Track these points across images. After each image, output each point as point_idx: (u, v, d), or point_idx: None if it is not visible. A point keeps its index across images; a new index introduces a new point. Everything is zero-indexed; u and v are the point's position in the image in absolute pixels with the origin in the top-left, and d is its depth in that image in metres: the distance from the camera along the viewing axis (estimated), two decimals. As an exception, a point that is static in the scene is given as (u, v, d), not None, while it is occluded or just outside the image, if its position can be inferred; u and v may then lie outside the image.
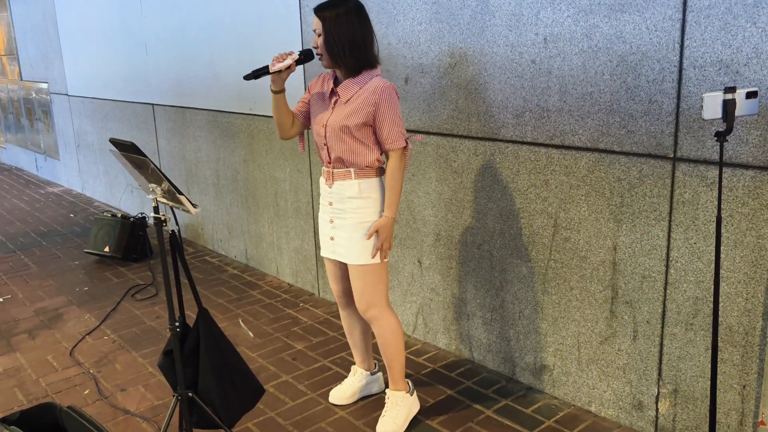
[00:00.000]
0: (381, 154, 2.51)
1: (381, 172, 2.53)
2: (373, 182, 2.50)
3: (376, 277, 2.55)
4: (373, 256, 2.50)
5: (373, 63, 2.44)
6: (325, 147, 2.50)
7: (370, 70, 2.44)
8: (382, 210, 2.51)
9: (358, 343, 2.87)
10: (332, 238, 2.59)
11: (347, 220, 2.52)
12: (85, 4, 6.09)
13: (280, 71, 2.42)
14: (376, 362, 2.97)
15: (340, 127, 2.42)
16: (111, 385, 3.14)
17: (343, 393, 2.89)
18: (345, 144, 2.44)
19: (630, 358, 2.57)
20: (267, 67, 2.43)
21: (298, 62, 2.44)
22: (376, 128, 2.44)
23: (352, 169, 2.48)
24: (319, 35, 2.39)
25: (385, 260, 2.56)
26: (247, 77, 2.43)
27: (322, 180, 2.60)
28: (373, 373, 2.93)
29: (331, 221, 2.58)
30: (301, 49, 2.48)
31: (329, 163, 2.52)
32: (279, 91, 2.50)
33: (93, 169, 6.85)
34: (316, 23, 2.39)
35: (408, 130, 3.17)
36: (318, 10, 2.38)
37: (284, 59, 2.42)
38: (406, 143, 2.47)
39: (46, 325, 3.86)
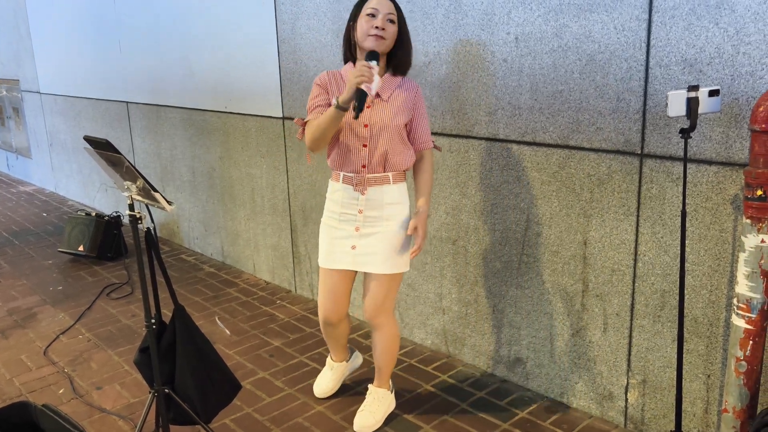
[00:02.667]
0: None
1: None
2: (404, 187, 2.50)
3: (393, 286, 2.51)
4: (413, 256, 2.42)
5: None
6: (365, 149, 2.37)
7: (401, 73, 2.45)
8: (411, 213, 2.51)
9: (340, 344, 2.83)
10: (354, 247, 2.45)
11: (383, 226, 2.43)
12: (56, 1, 6.02)
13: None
14: (349, 347, 2.97)
15: (388, 126, 2.36)
16: (86, 383, 3.13)
17: (327, 386, 2.91)
18: (392, 144, 2.38)
19: (600, 350, 2.63)
20: (365, 93, 2.19)
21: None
22: (413, 127, 2.46)
23: (390, 174, 2.41)
24: (392, 22, 2.30)
25: (406, 271, 2.53)
26: (357, 115, 2.18)
27: (341, 187, 2.44)
28: (348, 360, 2.95)
29: (357, 230, 2.44)
30: (371, 60, 2.27)
31: (364, 167, 2.39)
32: (347, 108, 2.25)
33: (66, 168, 6.78)
34: (390, 8, 2.29)
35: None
36: (395, 2, 2.35)
37: (371, 74, 2.16)
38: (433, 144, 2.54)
39: (20, 324, 3.82)
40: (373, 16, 2.29)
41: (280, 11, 3.67)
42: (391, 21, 2.31)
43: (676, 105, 2.01)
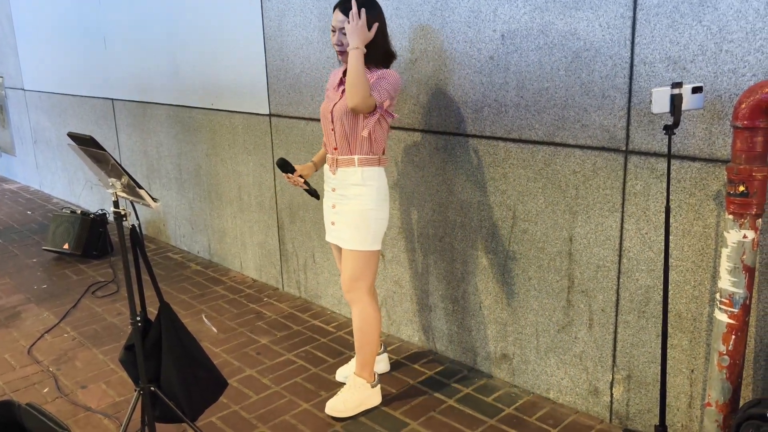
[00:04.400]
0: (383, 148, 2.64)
1: (383, 162, 2.63)
2: (375, 171, 2.60)
3: (364, 264, 2.66)
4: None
5: (390, 58, 2.59)
6: (332, 132, 2.60)
7: (385, 66, 2.58)
8: (382, 200, 2.63)
9: None
10: (333, 223, 2.70)
11: (347, 205, 2.63)
12: (41, -3, 5.97)
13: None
14: (382, 343, 3.07)
15: (346, 112, 2.52)
16: (71, 382, 3.10)
17: (346, 369, 3.00)
18: (352, 128, 2.54)
19: (586, 346, 2.65)
20: (309, 190, 2.81)
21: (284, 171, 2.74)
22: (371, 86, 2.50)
23: (356, 157, 2.57)
24: (340, 29, 2.49)
25: (377, 249, 2.67)
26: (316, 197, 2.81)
27: (326, 167, 2.72)
28: (379, 354, 3.01)
29: (334, 206, 2.68)
30: (284, 171, 2.75)
31: (335, 149, 2.62)
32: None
33: (51, 166, 6.72)
34: (339, 19, 2.49)
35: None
36: (342, 5, 2.47)
37: (298, 183, 2.76)
38: (385, 104, 2.53)
39: (3, 323, 3.79)
40: (333, 31, 2.54)
41: (267, 8, 3.66)
42: (341, 29, 2.50)
43: (660, 102, 2.03)
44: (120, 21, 4.95)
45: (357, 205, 2.61)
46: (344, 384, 2.89)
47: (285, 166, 2.74)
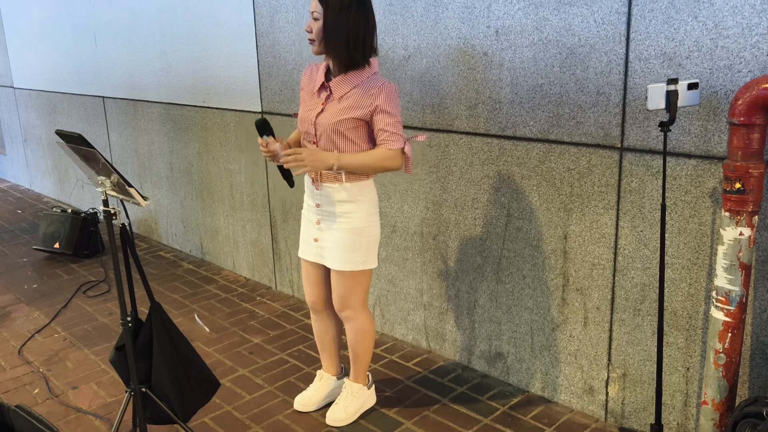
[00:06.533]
0: None
1: (371, 174, 2.43)
2: (364, 185, 2.39)
3: (357, 283, 2.48)
4: (285, 163, 2.28)
5: (368, 59, 2.30)
6: (315, 146, 2.37)
7: (366, 67, 2.30)
8: (372, 214, 2.42)
9: (327, 348, 2.76)
10: (316, 240, 2.49)
11: (336, 223, 2.42)
12: (30, -6, 5.91)
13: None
14: (343, 367, 2.85)
15: (333, 125, 2.29)
16: (62, 383, 3.07)
17: (309, 399, 2.77)
18: (337, 143, 2.33)
19: (581, 344, 2.63)
20: (284, 169, 2.42)
21: (262, 135, 2.34)
22: (374, 127, 2.30)
23: (342, 172, 2.35)
24: (315, 20, 2.23)
25: (370, 268, 2.48)
26: (291, 184, 2.48)
27: (308, 180, 2.48)
28: (339, 378, 2.82)
29: (318, 222, 2.47)
30: (261, 134, 2.35)
31: None
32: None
33: (41, 164, 6.66)
34: (315, 6, 2.22)
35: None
36: None
37: (271, 153, 2.34)
38: (406, 146, 2.34)
39: (-7, 323, 3.75)
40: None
41: (259, 4, 3.62)
42: (315, 19, 2.24)
43: (656, 98, 2.02)
44: (110, 18, 4.90)
45: (345, 224, 2.40)
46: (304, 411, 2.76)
47: (264, 128, 2.33)
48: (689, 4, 2.09)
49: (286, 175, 2.46)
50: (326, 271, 2.59)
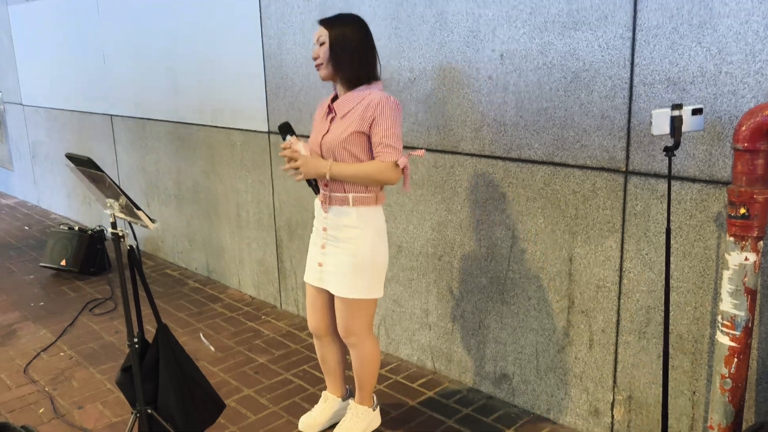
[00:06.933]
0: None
1: (380, 199, 2.43)
2: (371, 211, 2.40)
3: (360, 310, 2.47)
4: (285, 169, 2.44)
5: (373, 76, 2.37)
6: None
7: (371, 84, 2.37)
8: (378, 243, 2.42)
9: (331, 372, 2.76)
10: (320, 264, 2.50)
11: (341, 248, 2.42)
12: (40, 13, 5.98)
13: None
14: (348, 388, 2.85)
15: (338, 143, 2.33)
16: (67, 402, 3.07)
17: (313, 420, 2.76)
18: (342, 161, 2.36)
19: (586, 366, 2.63)
20: (310, 180, 2.49)
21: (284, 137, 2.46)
22: (371, 138, 2.33)
23: (350, 195, 2.37)
24: (322, 44, 2.33)
25: (374, 298, 2.47)
26: (317, 192, 2.50)
27: (317, 203, 2.50)
28: (344, 399, 2.81)
29: (323, 247, 2.48)
30: (285, 135, 2.47)
31: (326, 185, 2.42)
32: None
33: (49, 181, 6.71)
34: (321, 33, 2.33)
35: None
36: (326, 22, 2.34)
37: (294, 155, 2.42)
38: (401, 160, 2.34)
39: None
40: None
41: (266, 26, 3.66)
42: (321, 43, 2.34)
43: (661, 123, 2.03)
44: (119, 37, 4.96)
45: (351, 250, 2.39)
46: None
47: (287, 129, 2.45)
48: (693, 30, 2.11)
49: (311, 183, 2.50)
50: (330, 297, 2.59)
